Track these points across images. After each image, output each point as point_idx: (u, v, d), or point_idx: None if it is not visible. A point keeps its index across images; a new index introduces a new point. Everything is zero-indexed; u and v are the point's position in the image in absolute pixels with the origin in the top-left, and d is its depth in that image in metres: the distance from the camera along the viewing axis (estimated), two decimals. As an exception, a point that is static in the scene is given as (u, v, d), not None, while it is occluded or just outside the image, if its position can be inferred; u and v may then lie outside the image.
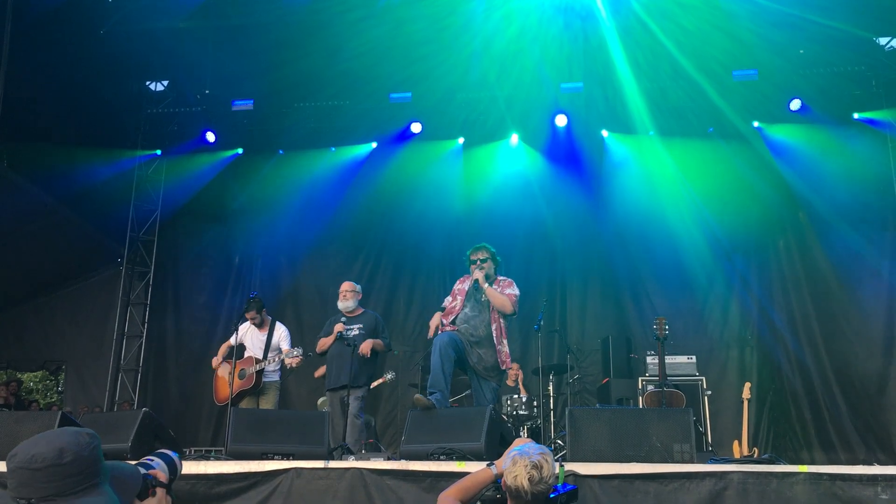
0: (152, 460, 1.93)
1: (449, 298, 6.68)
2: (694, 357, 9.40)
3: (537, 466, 2.86)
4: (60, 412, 7.41)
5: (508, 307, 6.38)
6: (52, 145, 10.79)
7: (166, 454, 1.97)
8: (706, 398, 8.98)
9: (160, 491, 1.84)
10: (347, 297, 7.62)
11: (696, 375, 9.16)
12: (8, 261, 10.92)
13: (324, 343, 7.61)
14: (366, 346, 7.30)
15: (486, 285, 6.38)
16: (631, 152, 11.64)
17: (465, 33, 9.84)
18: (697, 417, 8.30)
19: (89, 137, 11.30)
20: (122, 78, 11.61)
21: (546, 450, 3.00)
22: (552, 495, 2.93)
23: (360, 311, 7.71)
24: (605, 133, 11.76)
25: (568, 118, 11.41)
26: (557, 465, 3.10)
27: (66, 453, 1.57)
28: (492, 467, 3.23)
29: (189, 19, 10.23)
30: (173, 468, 1.96)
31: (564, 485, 3.02)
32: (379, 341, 7.46)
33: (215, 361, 8.02)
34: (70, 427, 1.82)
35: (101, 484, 1.63)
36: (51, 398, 18.00)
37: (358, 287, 7.82)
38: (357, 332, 7.42)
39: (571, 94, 11.24)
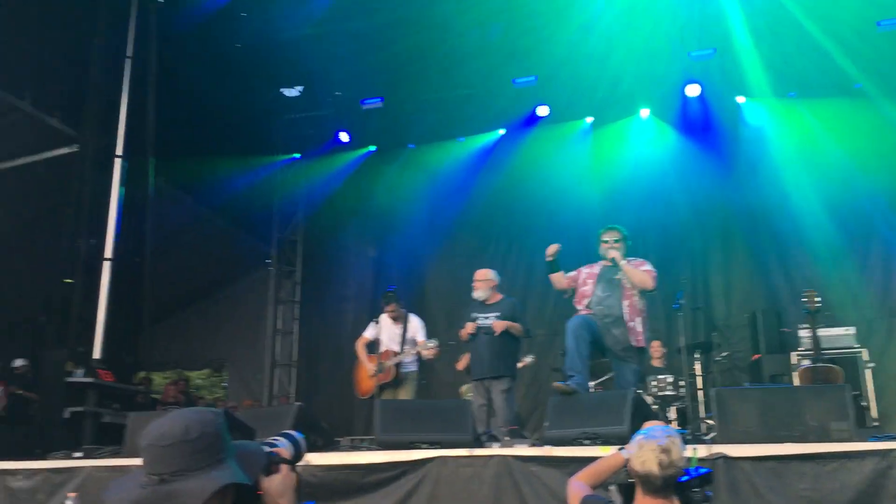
0: (277, 440, 2.02)
1: (573, 273, 6.61)
2: (853, 328, 8.86)
3: (665, 450, 2.77)
4: (224, 408, 7.91)
5: (649, 282, 6.28)
6: (200, 157, 11.48)
7: (291, 434, 2.06)
8: (869, 371, 8.46)
9: (284, 467, 1.91)
10: (477, 287, 7.55)
11: (855, 347, 8.63)
12: (170, 268, 11.71)
13: (463, 333, 7.63)
14: (499, 325, 7.20)
15: (624, 262, 6.29)
16: (770, 117, 11.08)
17: (584, 11, 9.68)
18: (859, 392, 7.86)
19: (232, 146, 11.95)
20: (259, 87, 12.18)
21: (673, 432, 2.90)
22: (683, 479, 2.84)
23: (499, 297, 7.58)
24: (741, 99, 11.24)
25: (700, 87, 11.01)
26: (690, 448, 3.01)
27: (191, 430, 1.67)
28: (623, 451, 3.17)
29: (317, 25, 10.58)
30: (298, 447, 2.04)
31: (697, 468, 2.93)
32: (515, 324, 7.30)
33: (366, 360, 8.17)
34: (196, 407, 1.95)
35: (226, 459, 1.72)
36: (216, 394, 19.15)
37: (490, 274, 7.61)
38: (493, 321, 7.37)
39: (702, 62, 10.81)
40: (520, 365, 8.93)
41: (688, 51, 10.61)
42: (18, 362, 10.72)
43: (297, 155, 13.31)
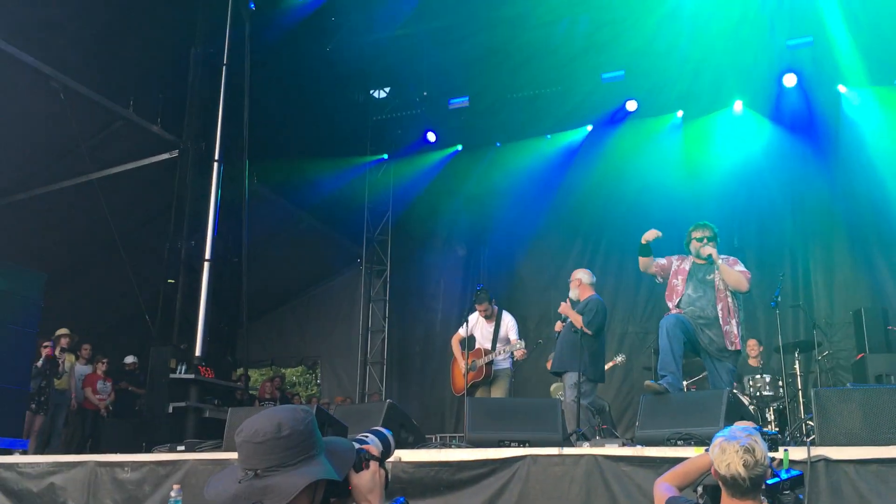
0: (366, 436, 2.04)
1: (664, 262, 6.46)
2: (966, 326, 8.41)
3: (749, 450, 2.66)
4: (317, 405, 8.08)
5: (744, 284, 6.07)
6: (292, 159, 11.79)
7: (380, 431, 2.09)
8: None
9: (373, 464, 1.94)
10: (571, 287, 7.50)
11: (969, 346, 8.19)
12: (265, 268, 12.06)
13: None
14: (562, 307, 7.15)
15: (720, 261, 6.10)
16: (875, 105, 10.59)
17: (673, 1, 9.50)
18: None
19: (323, 148, 12.24)
20: (349, 89, 12.45)
21: (753, 430, 2.79)
22: (773, 481, 2.74)
23: (588, 295, 7.47)
24: (842, 88, 10.78)
25: (798, 77, 10.63)
26: (781, 450, 2.90)
27: (283, 427, 1.72)
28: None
29: (404, 26, 10.75)
30: (386, 444, 2.06)
31: (788, 470, 2.82)
32: (575, 314, 7.06)
33: (460, 357, 8.16)
34: (288, 404, 2.00)
35: (317, 455, 1.77)
36: (311, 391, 19.58)
37: (579, 274, 7.50)
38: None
39: (800, 51, 10.44)
40: (610, 364, 8.80)
41: (782, 39, 10.32)
42: (129, 359, 11.28)
43: (385, 156, 13.52)
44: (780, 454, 3.03)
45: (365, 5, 10.51)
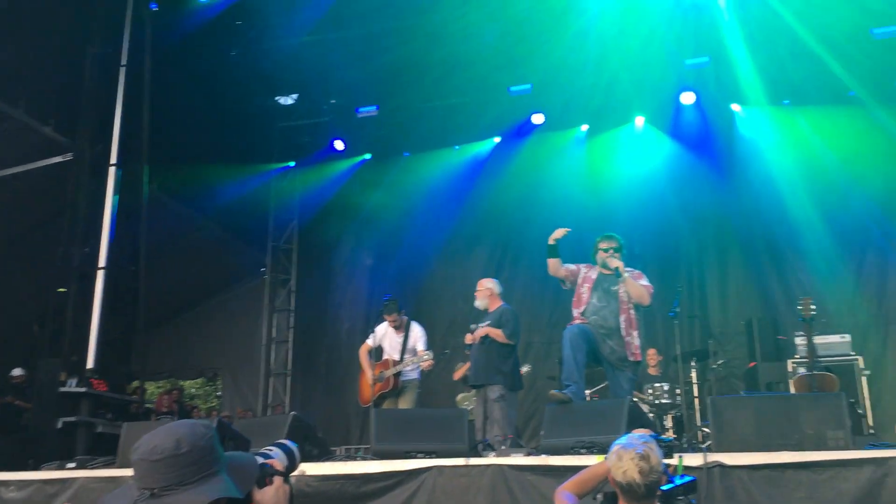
0: (271, 450, 1.99)
1: (573, 268, 6.58)
2: (848, 336, 8.86)
3: (644, 457, 2.75)
4: (218, 418, 7.84)
5: (646, 298, 6.25)
6: (194, 164, 11.45)
7: (285, 444, 2.03)
8: (864, 379, 8.46)
9: (277, 479, 1.89)
10: (477, 297, 7.53)
11: (851, 355, 8.63)
12: (164, 276, 11.65)
13: (466, 341, 7.59)
14: (478, 332, 7.16)
15: (627, 274, 6.24)
16: (766, 124, 11.11)
17: (579, 18, 9.72)
18: (855, 400, 7.86)
19: (227, 154, 11.93)
20: (254, 95, 12.17)
21: (649, 438, 2.89)
22: (667, 487, 2.83)
23: (497, 305, 7.50)
24: (736, 107, 11.28)
25: (696, 95, 11.04)
26: (676, 456, 3.00)
27: (182, 444, 1.65)
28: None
29: (313, 33, 10.59)
30: (292, 457, 2.01)
31: (682, 476, 2.92)
32: (495, 329, 7.15)
33: (368, 368, 8.03)
34: (187, 419, 1.91)
35: (219, 472, 1.69)
36: (211, 403, 19.06)
37: (488, 283, 7.55)
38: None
39: (698, 70, 10.84)
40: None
41: (683, 59, 10.64)
42: (16, 372, 10.68)
43: (292, 163, 13.31)
44: (674, 461, 3.12)
45: (272, 10, 10.31)
